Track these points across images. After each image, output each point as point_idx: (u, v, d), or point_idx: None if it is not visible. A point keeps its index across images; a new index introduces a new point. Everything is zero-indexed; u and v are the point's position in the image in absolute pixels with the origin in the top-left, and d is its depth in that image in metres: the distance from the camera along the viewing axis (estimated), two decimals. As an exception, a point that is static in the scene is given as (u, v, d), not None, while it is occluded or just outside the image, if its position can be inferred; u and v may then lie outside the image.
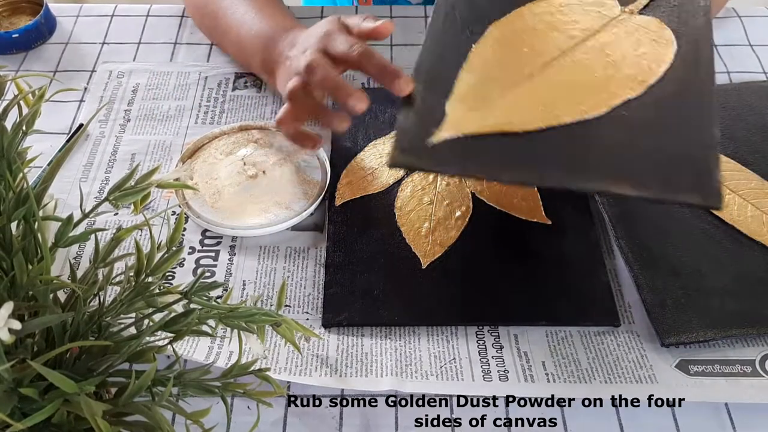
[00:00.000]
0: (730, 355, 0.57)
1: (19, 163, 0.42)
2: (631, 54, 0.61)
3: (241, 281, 0.63)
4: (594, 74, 0.59)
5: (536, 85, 0.59)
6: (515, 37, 0.63)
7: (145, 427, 0.40)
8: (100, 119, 0.77)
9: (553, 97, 0.58)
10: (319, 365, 0.56)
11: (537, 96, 0.58)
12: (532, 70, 0.60)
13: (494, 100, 0.57)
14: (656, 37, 0.62)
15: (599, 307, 0.60)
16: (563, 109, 0.57)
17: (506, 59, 0.61)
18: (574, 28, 0.64)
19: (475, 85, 0.59)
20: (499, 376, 0.56)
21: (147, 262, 0.44)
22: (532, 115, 0.56)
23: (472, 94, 0.58)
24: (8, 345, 0.35)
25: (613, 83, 0.58)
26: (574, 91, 0.58)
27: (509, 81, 0.59)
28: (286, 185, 0.69)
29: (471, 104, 0.57)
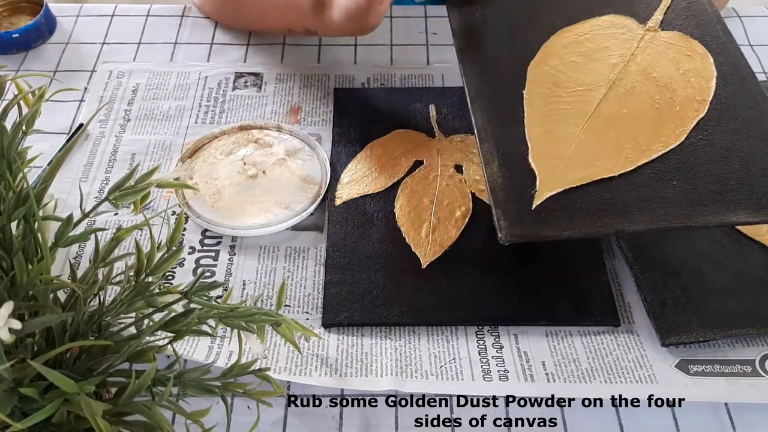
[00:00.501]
0: (730, 355, 0.57)
1: (19, 163, 0.42)
2: (675, 73, 0.62)
3: (241, 281, 0.63)
4: (654, 101, 0.60)
5: (605, 121, 0.60)
6: (560, 74, 0.64)
7: (145, 427, 0.40)
8: (100, 119, 0.77)
9: (629, 131, 0.59)
10: (319, 365, 0.56)
11: (612, 132, 0.59)
12: (592, 105, 0.61)
13: (573, 144, 0.58)
14: (689, 51, 0.63)
15: (599, 306, 0.60)
16: (645, 143, 0.58)
17: (562, 97, 0.62)
18: (610, 55, 0.64)
19: (546, 132, 0.60)
20: (499, 375, 0.56)
21: (147, 262, 0.44)
22: (620, 156, 0.58)
23: (547, 143, 0.59)
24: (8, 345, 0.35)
25: (677, 107, 0.60)
26: (645, 122, 0.59)
27: (576, 119, 0.60)
28: (286, 185, 0.69)
29: (553, 155, 0.58)
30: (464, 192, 0.68)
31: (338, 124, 0.75)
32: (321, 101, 0.79)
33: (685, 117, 0.59)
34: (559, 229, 0.55)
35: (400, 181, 0.69)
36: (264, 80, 0.81)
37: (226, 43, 0.85)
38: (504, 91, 0.63)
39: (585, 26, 0.67)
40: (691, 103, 0.60)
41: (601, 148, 0.58)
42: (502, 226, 0.54)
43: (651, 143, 0.58)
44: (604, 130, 0.59)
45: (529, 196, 0.56)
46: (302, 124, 0.76)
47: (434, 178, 0.69)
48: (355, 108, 0.77)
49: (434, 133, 0.73)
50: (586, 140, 0.59)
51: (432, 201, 0.67)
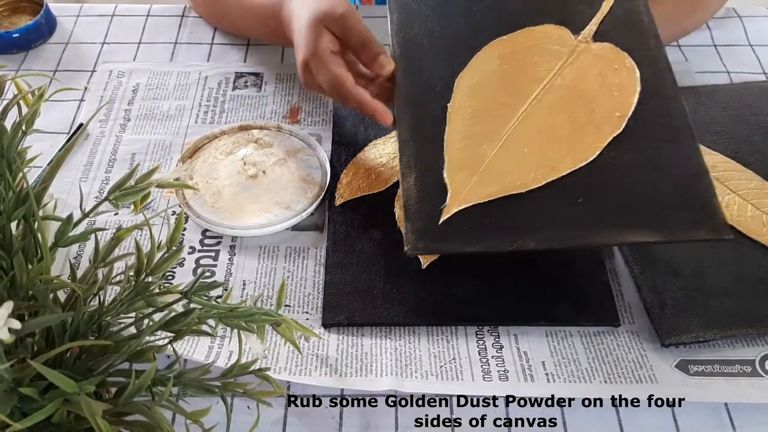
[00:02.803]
0: (729, 355, 0.57)
1: (18, 163, 0.42)
2: (600, 88, 0.61)
3: (241, 281, 0.63)
4: (574, 116, 0.60)
5: (522, 137, 0.60)
6: (485, 88, 0.63)
7: (145, 427, 0.40)
8: (100, 119, 0.77)
9: (543, 148, 0.59)
10: (319, 365, 0.56)
11: (527, 148, 0.59)
12: (512, 121, 0.61)
13: (486, 160, 0.59)
14: (618, 65, 0.62)
15: (599, 307, 0.60)
16: (557, 159, 0.58)
17: (483, 112, 0.62)
18: (538, 69, 0.63)
19: (463, 147, 0.60)
20: (499, 375, 0.56)
21: (147, 262, 0.44)
22: (530, 173, 0.58)
23: (463, 158, 0.60)
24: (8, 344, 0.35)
25: (595, 123, 0.59)
26: (561, 138, 0.59)
27: (494, 135, 0.60)
28: (286, 185, 0.69)
29: (466, 170, 0.59)
30: None
31: (338, 124, 0.75)
32: (321, 101, 0.78)
33: (602, 133, 0.59)
34: (460, 244, 0.56)
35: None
36: (264, 80, 0.81)
37: (226, 43, 0.85)
38: (430, 104, 0.63)
39: (518, 37, 0.66)
40: (609, 119, 0.59)
41: (513, 165, 0.58)
42: (409, 240, 0.56)
43: (562, 161, 0.58)
44: (519, 147, 0.59)
45: (438, 211, 0.57)
46: (302, 124, 0.76)
47: None
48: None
49: None
50: (500, 157, 0.59)
51: None
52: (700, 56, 0.83)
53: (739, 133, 0.72)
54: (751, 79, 0.80)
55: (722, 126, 0.73)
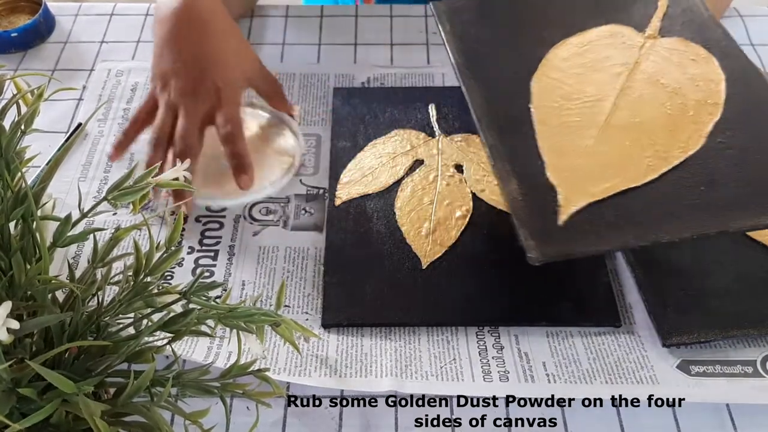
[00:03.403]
0: (731, 356, 0.57)
1: (17, 163, 0.42)
2: (683, 78, 0.62)
3: (240, 281, 0.63)
4: (665, 107, 0.61)
5: (620, 130, 0.60)
6: (565, 86, 0.63)
7: (143, 428, 0.40)
8: (99, 118, 0.76)
9: (646, 139, 0.59)
10: (318, 366, 0.56)
11: (628, 141, 0.59)
12: (604, 115, 0.60)
13: (590, 156, 0.58)
14: (693, 56, 0.63)
15: (600, 307, 0.60)
16: (665, 149, 0.58)
17: (571, 109, 0.62)
18: (613, 64, 0.64)
19: (560, 145, 0.59)
20: (500, 376, 0.56)
21: (146, 262, 0.44)
22: (641, 165, 0.57)
23: (564, 156, 0.58)
24: (7, 345, 0.35)
25: (690, 112, 0.60)
26: (661, 129, 0.59)
27: (589, 130, 0.60)
28: (261, 159, 0.70)
29: (572, 167, 0.58)
30: (464, 192, 0.67)
31: (338, 123, 0.75)
32: (320, 101, 0.78)
33: (700, 121, 0.59)
34: (592, 244, 0.53)
35: (400, 180, 0.69)
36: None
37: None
38: (510, 107, 0.62)
39: (584, 37, 0.67)
40: (704, 107, 0.60)
41: (619, 158, 0.58)
42: (531, 246, 0.52)
43: (670, 149, 0.57)
44: (620, 140, 0.59)
45: (553, 213, 0.54)
46: (302, 123, 0.76)
47: (434, 178, 0.69)
48: (355, 107, 0.76)
49: (434, 133, 0.73)
50: (603, 151, 0.58)
51: (432, 201, 0.67)
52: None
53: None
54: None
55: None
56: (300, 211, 0.68)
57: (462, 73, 0.66)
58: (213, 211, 0.68)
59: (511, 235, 0.64)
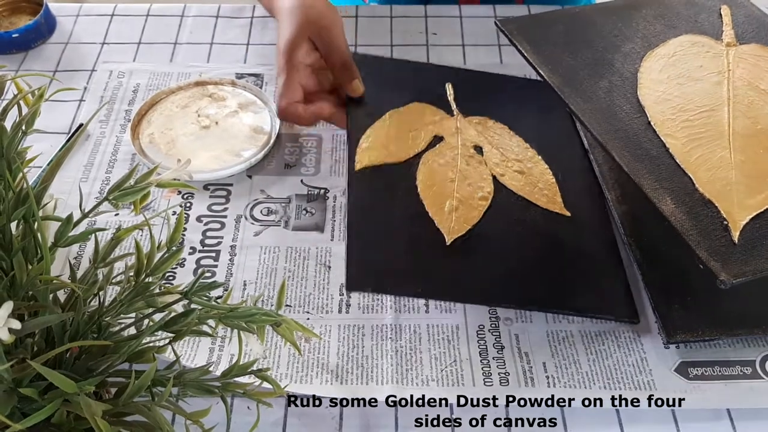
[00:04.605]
0: (730, 356, 0.57)
1: (18, 163, 0.42)
2: None
3: (241, 281, 0.63)
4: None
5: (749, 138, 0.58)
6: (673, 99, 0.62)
7: (144, 427, 0.40)
8: (101, 119, 0.77)
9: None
10: (319, 371, 0.56)
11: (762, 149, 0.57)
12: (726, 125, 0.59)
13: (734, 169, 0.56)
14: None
15: (619, 302, 0.61)
16: None
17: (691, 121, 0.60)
18: (708, 73, 0.64)
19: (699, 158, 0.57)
20: (500, 379, 0.56)
21: (147, 262, 0.44)
22: None
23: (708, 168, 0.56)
24: (8, 345, 0.35)
25: None
26: None
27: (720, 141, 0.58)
28: (237, 135, 0.74)
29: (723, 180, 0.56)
30: (485, 174, 0.68)
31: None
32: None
33: None
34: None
35: (420, 154, 0.69)
36: (264, 80, 0.81)
37: (226, 43, 0.85)
38: (629, 124, 0.60)
39: (668, 48, 0.67)
40: None
41: (764, 167, 0.56)
42: (718, 268, 0.50)
43: None
44: (754, 148, 0.57)
45: (721, 229, 0.52)
46: (302, 124, 0.76)
47: (455, 156, 0.69)
48: (373, 75, 0.75)
49: (452, 112, 0.73)
50: (743, 161, 0.57)
51: (454, 179, 0.67)
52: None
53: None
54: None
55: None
56: (301, 212, 0.68)
57: (565, 93, 0.63)
58: (214, 211, 0.68)
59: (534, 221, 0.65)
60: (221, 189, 0.70)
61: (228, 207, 0.69)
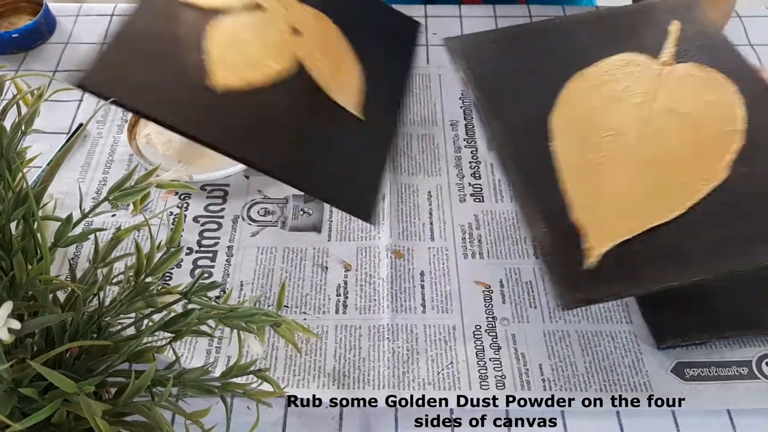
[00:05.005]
0: (726, 356, 0.57)
1: (18, 163, 0.42)
2: (702, 106, 0.60)
3: (238, 282, 0.63)
4: (686, 137, 0.59)
5: (643, 165, 0.58)
6: (584, 121, 0.62)
7: (144, 427, 0.40)
8: (98, 119, 0.76)
9: (670, 173, 0.57)
10: (317, 375, 0.57)
11: (652, 175, 0.57)
12: (626, 150, 0.58)
13: (614, 194, 0.56)
14: (710, 81, 0.62)
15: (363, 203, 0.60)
16: (690, 183, 0.56)
17: (592, 145, 0.60)
18: (633, 94, 0.62)
19: (583, 184, 0.57)
20: (496, 382, 0.56)
21: (147, 262, 0.44)
22: (667, 200, 0.55)
23: (588, 195, 0.57)
24: (8, 345, 0.35)
25: (710, 141, 0.58)
26: (683, 161, 0.57)
27: (612, 167, 0.58)
28: None
29: (597, 207, 0.56)
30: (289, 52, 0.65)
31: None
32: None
33: (722, 150, 0.57)
34: (621, 287, 0.52)
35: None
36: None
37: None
38: (531, 145, 0.61)
39: (600, 68, 0.65)
40: (724, 136, 0.58)
41: (645, 194, 0.56)
42: (562, 293, 0.51)
43: (695, 182, 0.55)
44: (645, 175, 0.57)
45: (581, 255, 0.53)
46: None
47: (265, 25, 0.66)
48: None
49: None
50: (627, 188, 0.56)
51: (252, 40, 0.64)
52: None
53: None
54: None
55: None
56: (298, 212, 0.68)
57: (483, 110, 0.64)
58: (211, 212, 0.68)
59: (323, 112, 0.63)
60: (218, 189, 0.70)
61: (225, 207, 0.69)
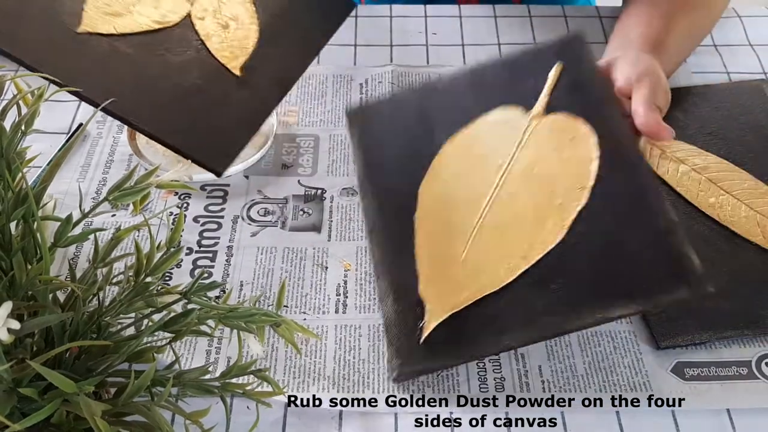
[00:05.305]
0: (726, 356, 0.57)
1: (18, 163, 0.42)
2: (557, 164, 0.58)
3: (238, 282, 0.63)
4: (536, 200, 0.58)
5: (488, 233, 0.58)
6: (448, 190, 0.62)
7: (144, 427, 0.40)
8: (98, 120, 0.76)
9: (510, 239, 0.57)
10: (317, 377, 0.57)
11: (494, 243, 0.57)
12: (476, 218, 0.59)
13: (455, 266, 0.57)
14: (573, 134, 0.59)
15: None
16: (526, 248, 0.55)
17: (449, 216, 0.60)
18: (497, 156, 0.61)
19: (433, 257, 0.59)
20: (496, 384, 0.56)
21: (146, 262, 0.44)
22: (500, 268, 0.55)
23: (434, 269, 0.58)
24: (7, 345, 0.35)
25: (557, 202, 0.57)
26: (525, 225, 0.57)
27: (460, 237, 0.58)
28: None
29: (439, 281, 0.57)
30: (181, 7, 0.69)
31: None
32: (318, 101, 0.78)
33: (565, 211, 0.56)
34: (446, 359, 0.54)
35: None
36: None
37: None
38: (400, 218, 0.62)
39: (473, 128, 0.64)
40: (571, 194, 0.56)
41: (483, 264, 0.56)
42: (394, 366, 0.55)
43: (531, 248, 0.55)
44: (487, 244, 0.57)
45: (420, 329, 0.55)
46: (300, 124, 0.76)
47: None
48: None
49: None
50: (469, 259, 0.57)
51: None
52: (699, 56, 0.83)
53: (732, 134, 0.72)
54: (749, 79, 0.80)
55: (715, 126, 0.73)
56: (298, 212, 0.68)
57: (362, 185, 0.66)
58: (211, 212, 0.68)
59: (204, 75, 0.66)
60: (218, 189, 0.70)
61: (225, 207, 0.69)
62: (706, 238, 0.63)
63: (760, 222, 0.64)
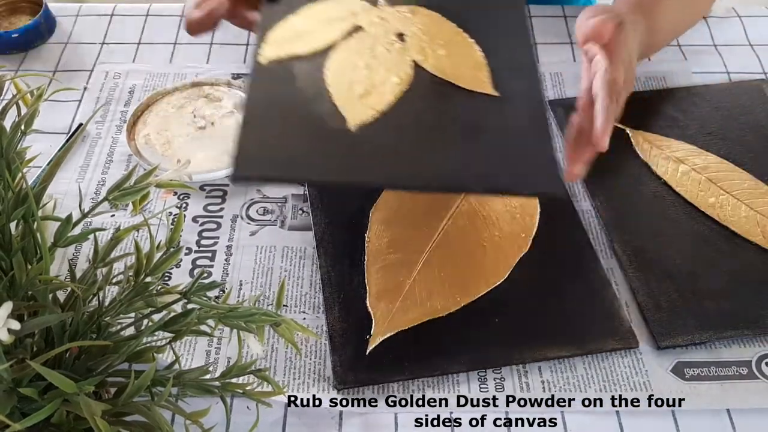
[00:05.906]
0: (725, 356, 0.57)
1: (18, 163, 0.42)
2: (503, 210, 0.66)
3: (237, 281, 0.63)
4: (483, 239, 0.64)
5: (438, 262, 0.63)
6: (400, 217, 0.66)
7: (144, 427, 0.40)
8: (97, 120, 0.76)
9: (458, 272, 0.62)
10: (316, 378, 0.57)
11: (443, 273, 0.62)
12: (427, 247, 0.64)
13: (405, 287, 0.61)
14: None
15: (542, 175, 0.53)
16: (473, 282, 0.61)
17: (399, 240, 0.64)
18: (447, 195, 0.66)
19: (383, 276, 0.62)
20: (495, 385, 0.56)
21: (146, 262, 0.44)
22: (448, 297, 0.60)
23: (383, 286, 0.61)
24: (8, 345, 0.35)
25: (502, 244, 0.64)
26: (474, 261, 0.63)
27: (411, 262, 0.63)
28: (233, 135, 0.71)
29: (388, 298, 0.60)
30: (404, 60, 0.59)
31: None
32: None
33: (509, 254, 0.63)
34: (387, 374, 0.56)
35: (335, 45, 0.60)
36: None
37: (225, 44, 0.85)
38: (350, 236, 0.65)
39: None
40: (515, 240, 0.64)
41: (431, 291, 0.61)
42: (337, 373, 0.56)
43: (477, 283, 0.61)
44: (436, 273, 0.62)
45: (365, 341, 0.58)
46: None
47: (373, 44, 0.61)
48: None
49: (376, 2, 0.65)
50: (418, 283, 0.61)
51: (368, 65, 0.59)
52: (699, 56, 0.83)
53: (732, 133, 0.72)
54: (748, 79, 0.80)
55: (715, 126, 0.73)
56: (297, 211, 0.68)
57: (312, 196, 0.69)
58: (210, 212, 0.68)
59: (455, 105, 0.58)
60: (217, 189, 0.70)
61: (224, 207, 0.69)
62: (706, 238, 0.64)
63: (760, 222, 0.64)
